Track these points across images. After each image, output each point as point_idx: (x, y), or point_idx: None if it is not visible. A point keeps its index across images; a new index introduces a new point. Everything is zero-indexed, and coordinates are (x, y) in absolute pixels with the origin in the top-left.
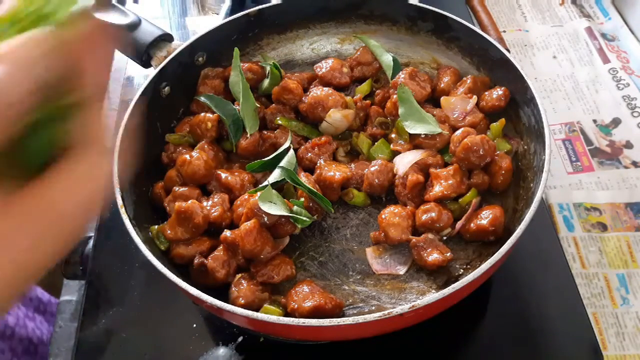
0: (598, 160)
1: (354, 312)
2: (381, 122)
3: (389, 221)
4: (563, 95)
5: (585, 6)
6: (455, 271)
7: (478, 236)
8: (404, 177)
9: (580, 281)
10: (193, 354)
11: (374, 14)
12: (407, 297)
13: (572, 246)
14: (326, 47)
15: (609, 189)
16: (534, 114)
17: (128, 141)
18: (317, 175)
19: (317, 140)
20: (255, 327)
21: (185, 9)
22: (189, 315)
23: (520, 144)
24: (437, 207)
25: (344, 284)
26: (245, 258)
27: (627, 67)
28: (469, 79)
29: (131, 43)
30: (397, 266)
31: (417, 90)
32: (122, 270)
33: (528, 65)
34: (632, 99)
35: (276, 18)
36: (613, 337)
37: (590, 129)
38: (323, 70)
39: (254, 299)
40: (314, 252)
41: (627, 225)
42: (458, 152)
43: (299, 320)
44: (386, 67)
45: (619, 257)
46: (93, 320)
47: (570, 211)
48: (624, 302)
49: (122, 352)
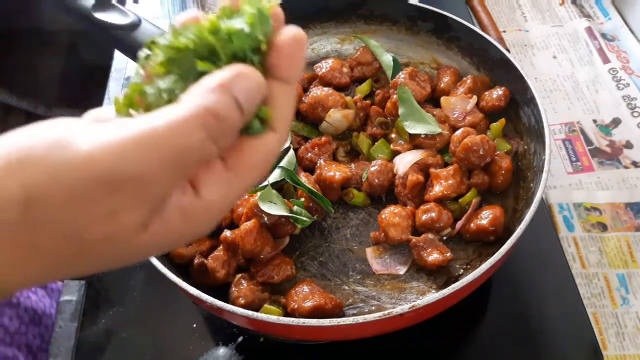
0: (598, 160)
1: (354, 312)
2: (381, 122)
3: (389, 221)
4: (563, 95)
5: (585, 6)
6: (455, 271)
7: (478, 236)
8: (404, 177)
9: (580, 281)
10: (193, 354)
11: (374, 14)
12: (407, 297)
13: (572, 246)
14: (326, 47)
15: (609, 189)
16: (534, 114)
17: None
18: (317, 175)
19: (317, 140)
20: (255, 327)
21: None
22: (189, 315)
23: (520, 144)
24: (437, 207)
25: (344, 284)
26: (245, 258)
27: (627, 67)
28: (469, 79)
29: (131, 43)
30: (397, 266)
31: (417, 90)
32: (122, 270)
33: (528, 65)
34: (632, 99)
35: None
36: (613, 337)
37: (590, 129)
38: (323, 70)
39: (254, 299)
40: (314, 252)
41: (627, 225)
42: (458, 152)
43: (299, 320)
44: (386, 67)
45: (619, 257)
46: (93, 320)
47: (570, 211)
48: (624, 302)
49: (122, 352)
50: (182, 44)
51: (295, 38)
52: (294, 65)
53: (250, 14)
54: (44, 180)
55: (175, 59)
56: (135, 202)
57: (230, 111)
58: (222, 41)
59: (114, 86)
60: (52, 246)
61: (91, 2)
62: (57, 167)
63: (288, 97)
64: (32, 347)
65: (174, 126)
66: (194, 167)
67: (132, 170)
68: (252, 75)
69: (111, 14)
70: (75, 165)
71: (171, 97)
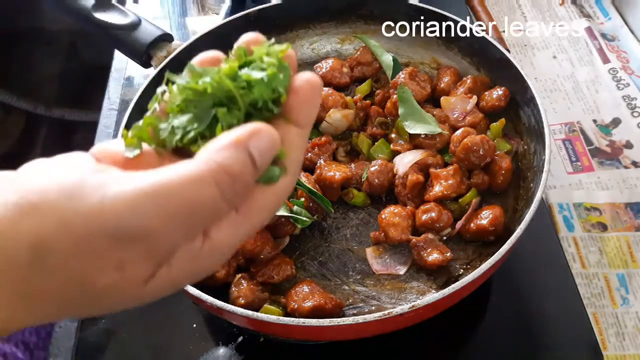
0: (598, 160)
1: (354, 312)
2: (381, 122)
3: (389, 221)
4: (563, 95)
5: (585, 6)
6: (455, 271)
7: (478, 236)
8: (404, 177)
9: (580, 281)
10: (193, 354)
11: (374, 14)
12: (407, 297)
13: (572, 246)
14: (326, 47)
15: (609, 189)
16: (534, 114)
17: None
18: (317, 175)
19: (317, 140)
20: (255, 327)
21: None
22: (189, 315)
23: (520, 144)
24: (437, 207)
25: (344, 284)
26: (245, 258)
27: (627, 67)
28: (469, 79)
29: (131, 43)
30: (397, 266)
31: (417, 90)
32: None
33: (528, 65)
34: (632, 99)
35: (276, 18)
36: (613, 337)
37: (590, 129)
38: (323, 70)
39: (254, 299)
40: (314, 252)
41: (627, 225)
42: (458, 152)
43: (299, 320)
44: (386, 67)
45: (619, 257)
46: (93, 320)
47: (570, 211)
48: (624, 302)
49: (122, 352)
50: (200, 87)
51: (311, 84)
52: (311, 110)
53: (270, 64)
54: (55, 228)
55: (192, 100)
56: (143, 256)
57: (244, 168)
58: (241, 89)
59: (114, 86)
60: (58, 293)
61: (91, 2)
62: (68, 216)
63: (302, 141)
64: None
65: (186, 182)
66: (204, 223)
67: (141, 225)
68: (269, 133)
69: (111, 14)
70: (86, 216)
71: (184, 136)
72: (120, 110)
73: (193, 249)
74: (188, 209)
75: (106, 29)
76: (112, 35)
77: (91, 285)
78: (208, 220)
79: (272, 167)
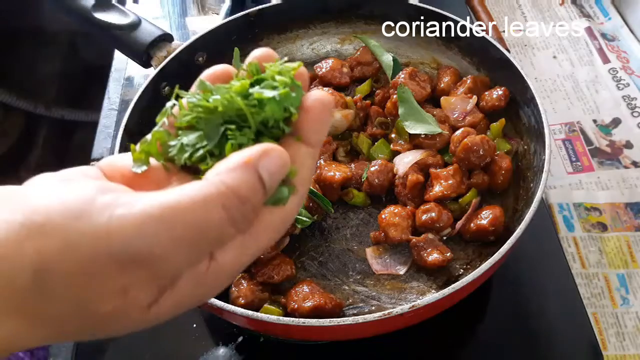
0: (598, 160)
1: (354, 312)
2: (381, 122)
3: (389, 221)
4: (563, 95)
5: (585, 6)
6: (455, 271)
7: (478, 236)
8: (404, 177)
9: (580, 281)
10: (193, 354)
11: (374, 14)
12: (407, 297)
13: (572, 246)
14: (326, 47)
15: (609, 189)
16: (534, 114)
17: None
18: (317, 176)
19: None
20: (255, 327)
21: (185, 9)
22: (189, 315)
23: (520, 144)
24: (437, 207)
25: (344, 284)
26: None
27: (627, 67)
28: (469, 79)
29: (131, 43)
30: (397, 266)
31: (417, 90)
32: None
33: (528, 65)
34: (632, 99)
35: (276, 18)
36: (613, 337)
37: (590, 129)
38: (323, 70)
39: (254, 299)
40: (314, 252)
41: (627, 225)
42: (458, 152)
43: (299, 320)
44: (386, 67)
45: (619, 257)
46: None
47: (570, 211)
48: (624, 302)
49: (122, 352)
50: (211, 105)
51: (323, 103)
52: (322, 130)
53: (282, 82)
54: (59, 249)
55: (202, 118)
56: (147, 281)
57: (253, 190)
58: (252, 107)
59: (114, 86)
60: (60, 315)
61: (91, 2)
62: (73, 237)
63: (312, 161)
64: None
65: (194, 205)
66: (211, 247)
67: (146, 250)
68: (279, 154)
69: (111, 14)
70: (92, 238)
71: (193, 154)
72: (120, 110)
73: (198, 272)
74: (195, 233)
75: (106, 29)
76: (112, 35)
77: (94, 310)
78: (214, 244)
79: (281, 188)
